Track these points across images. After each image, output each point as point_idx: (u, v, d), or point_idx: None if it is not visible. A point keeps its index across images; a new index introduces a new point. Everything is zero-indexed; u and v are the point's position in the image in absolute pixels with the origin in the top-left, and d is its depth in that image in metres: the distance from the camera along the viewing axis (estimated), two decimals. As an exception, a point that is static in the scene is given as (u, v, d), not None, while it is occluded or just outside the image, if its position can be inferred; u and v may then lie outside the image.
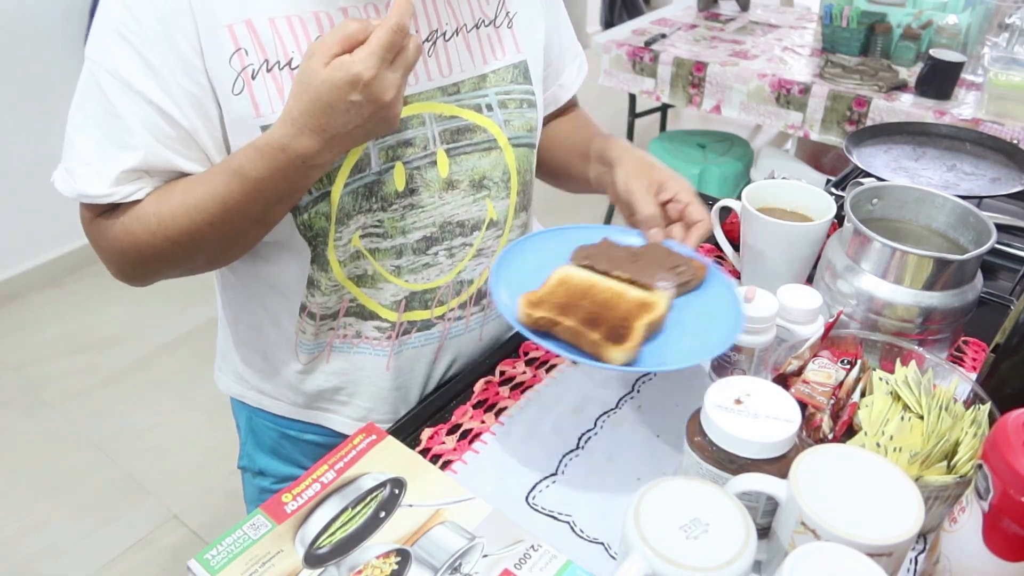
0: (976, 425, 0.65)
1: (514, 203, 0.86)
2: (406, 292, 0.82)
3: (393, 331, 0.83)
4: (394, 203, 0.77)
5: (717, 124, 3.45)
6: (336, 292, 0.79)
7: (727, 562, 0.51)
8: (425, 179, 0.78)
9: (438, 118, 0.77)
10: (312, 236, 0.75)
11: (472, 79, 0.79)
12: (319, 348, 0.84)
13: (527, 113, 0.84)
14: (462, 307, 0.87)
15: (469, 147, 0.80)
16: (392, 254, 0.79)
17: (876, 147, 1.17)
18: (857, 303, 0.80)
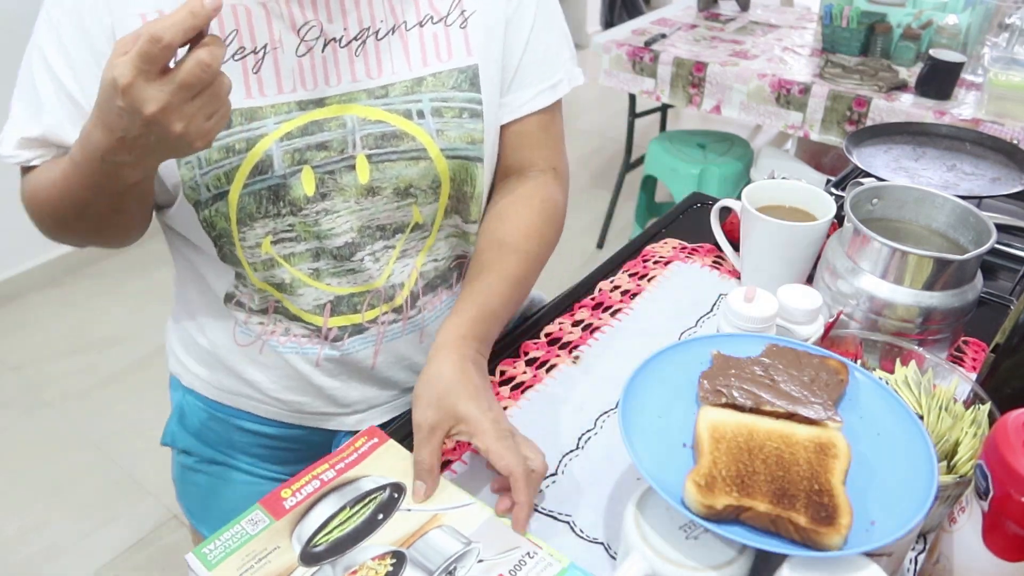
0: (976, 425, 0.65)
1: (443, 206, 0.80)
2: (330, 296, 0.79)
3: (320, 335, 0.82)
4: (304, 208, 0.74)
5: (717, 124, 3.45)
6: (259, 293, 0.79)
7: (727, 562, 0.51)
8: (340, 184, 0.74)
9: (362, 122, 0.73)
10: (216, 236, 0.75)
11: (405, 82, 0.74)
12: (254, 336, 0.83)
13: (467, 123, 0.76)
14: (397, 311, 0.83)
15: (394, 155, 0.74)
16: (308, 257, 0.77)
17: (876, 147, 1.17)
18: (857, 303, 0.80)
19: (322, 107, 0.72)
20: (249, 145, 0.70)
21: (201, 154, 0.69)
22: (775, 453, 0.55)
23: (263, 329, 0.82)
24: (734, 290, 0.74)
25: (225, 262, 0.77)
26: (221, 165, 0.70)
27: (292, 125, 0.71)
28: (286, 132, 0.71)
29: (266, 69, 0.70)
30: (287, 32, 0.70)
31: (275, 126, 0.70)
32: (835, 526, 0.50)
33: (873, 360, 0.75)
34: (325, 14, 0.71)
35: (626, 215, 2.99)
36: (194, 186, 0.71)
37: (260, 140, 0.70)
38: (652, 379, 0.62)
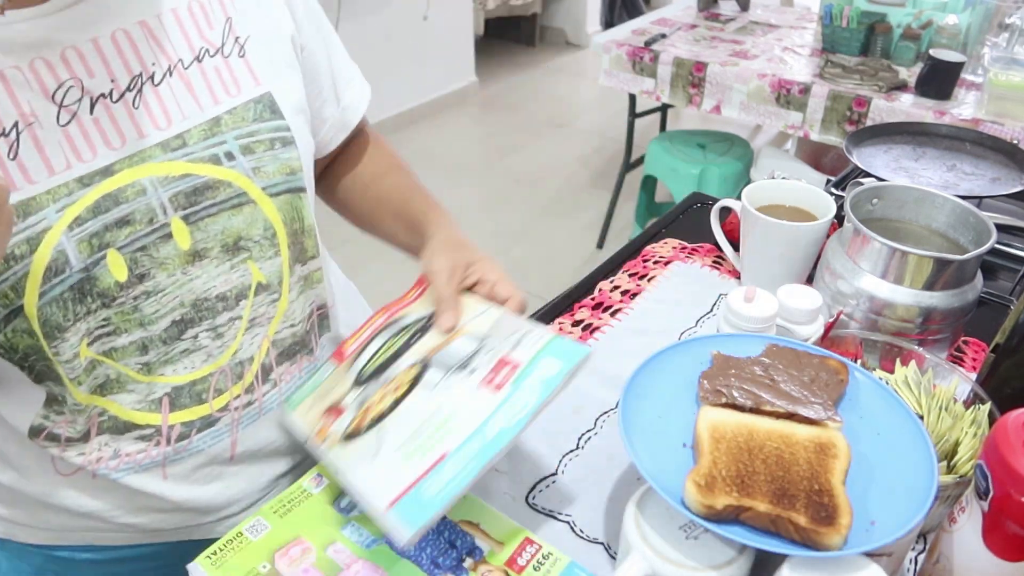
0: (976, 425, 0.65)
1: (287, 259, 0.71)
2: (166, 388, 0.67)
3: (160, 436, 0.68)
4: (118, 296, 0.62)
5: (717, 124, 3.45)
6: (83, 412, 0.65)
7: (727, 562, 0.52)
8: (157, 258, 0.63)
9: (163, 181, 0.62)
10: (21, 357, 0.61)
11: (201, 126, 0.64)
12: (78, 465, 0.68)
13: (282, 154, 0.68)
14: (249, 391, 0.71)
15: (213, 207, 0.65)
16: (134, 351, 0.64)
17: (876, 147, 1.17)
18: (857, 303, 0.80)
19: (110, 176, 0.60)
20: (32, 246, 0.57)
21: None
22: (775, 453, 0.55)
23: (87, 459, 0.67)
24: (734, 290, 0.74)
25: (40, 382, 0.63)
26: (4, 279, 0.56)
27: (79, 208, 0.58)
28: (74, 217, 0.58)
29: (26, 151, 0.56)
30: (39, 100, 0.57)
31: (57, 215, 0.57)
32: (835, 526, 0.50)
33: (873, 360, 0.75)
34: (83, 69, 0.59)
35: (626, 215, 2.99)
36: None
37: (44, 236, 0.57)
38: (652, 379, 0.62)
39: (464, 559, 0.62)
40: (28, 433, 0.65)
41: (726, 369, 0.62)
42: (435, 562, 0.61)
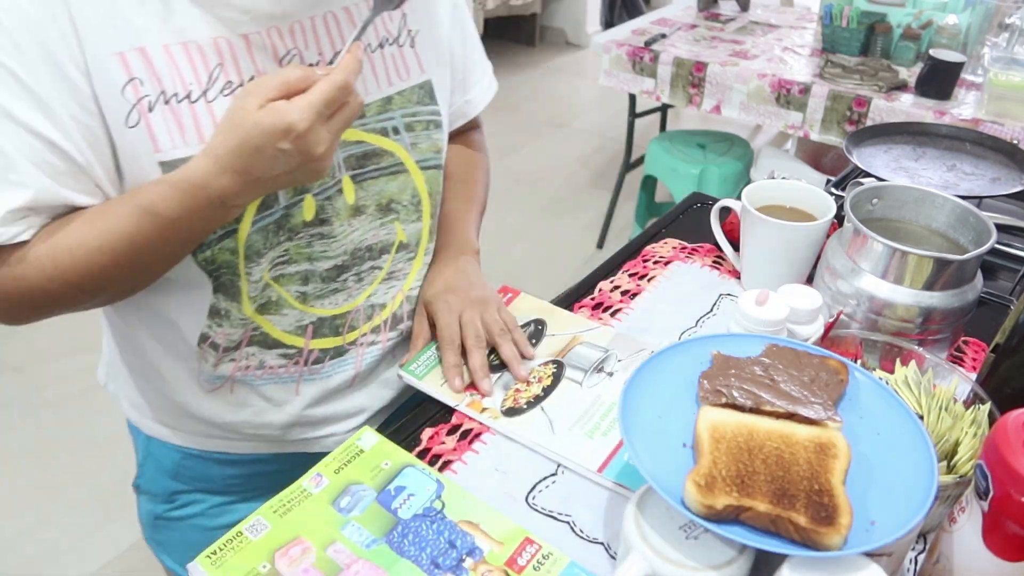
0: (976, 425, 0.65)
1: (427, 226, 0.85)
2: (312, 318, 0.79)
3: (300, 357, 0.81)
4: (300, 232, 0.74)
5: (717, 124, 3.45)
6: (244, 324, 0.76)
7: (727, 562, 0.51)
8: (335, 208, 0.76)
9: (342, 144, 0.74)
10: (214, 269, 0.72)
11: (377, 102, 0.77)
12: (220, 379, 0.80)
13: (434, 134, 0.82)
14: (375, 331, 0.85)
15: (375, 172, 0.78)
16: (297, 280, 0.77)
17: (876, 147, 1.17)
18: (857, 303, 0.80)
19: None
20: None
21: None
22: (775, 453, 0.55)
23: (235, 367, 0.79)
24: (745, 292, 0.74)
25: (218, 292, 0.74)
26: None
27: None
28: None
29: None
30: (270, 63, 0.69)
31: None
32: (835, 526, 0.50)
33: (873, 360, 0.75)
34: (302, 41, 0.70)
35: (626, 215, 2.99)
36: None
37: None
38: (652, 379, 0.62)
39: (464, 559, 0.62)
40: (199, 339, 0.76)
41: (726, 369, 0.62)
42: (435, 562, 0.61)
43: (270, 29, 0.68)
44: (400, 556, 0.62)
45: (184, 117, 0.65)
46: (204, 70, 0.65)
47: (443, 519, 0.65)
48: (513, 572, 0.60)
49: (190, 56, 0.65)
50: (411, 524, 0.65)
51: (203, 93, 0.66)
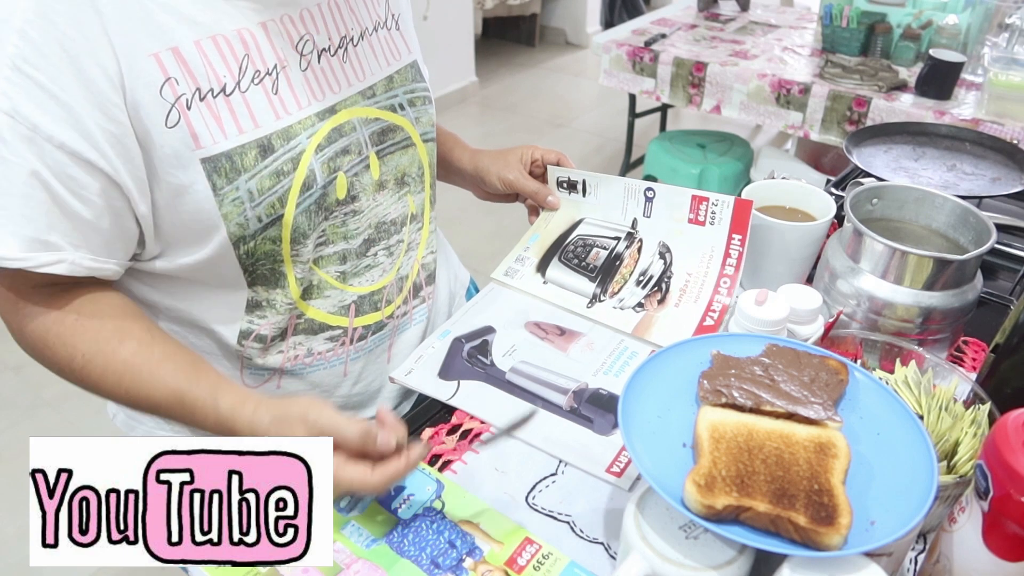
0: (976, 425, 0.65)
1: (428, 196, 0.89)
2: (354, 297, 0.82)
3: (347, 337, 0.83)
4: (335, 211, 0.76)
5: (717, 124, 3.45)
6: (289, 310, 0.78)
7: (727, 562, 0.51)
8: (363, 184, 0.78)
9: (364, 122, 0.78)
10: (252, 263, 0.73)
11: (382, 81, 0.80)
12: (268, 372, 0.81)
13: (429, 109, 0.87)
14: (404, 302, 0.89)
15: (392, 147, 0.81)
16: (336, 260, 0.79)
17: (876, 147, 1.17)
18: (857, 303, 0.80)
19: (334, 114, 0.74)
20: (295, 164, 0.71)
21: (251, 186, 0.68)
22: (775, 453, 0.55)
23: (283, 358, 0.81)
24: (745, 292, 0.74)
25: (256, 286, 0.75)
26: (274, 191, 0.70)
27: (320, 136, 0.73)
28: (317, 144, 0.72)
29: (283, 88, 0.70)
30: (288, 49, 0.71)
31: (307, 140, 0.71)
32: (835, 526, 0.49)
33: (873, 360, 0.75)
34: (312, 27, 0.73)
35: (626, 215, 2.99)
36: (241, 222, 0.69)
37: (302, 156, 0.71)
38: (652, 379, 0.62)
39: (464, 559, 0.62)
40: (239, 336, 0.77)
41: (726, 369, 0.62)
42: (435, 562, 0.61)
43: (283, 17, 0.71)
44: (400, 556, 0.62)
45: (221, 110, 0.66)
46: (235, 62, 0.67)
47: (443, 519, 0.65)
48: (513, 572, 0.61)
49: (220, 50, 0.66)
50: (411, 524, 0.65)
51: (237, 84, 0.67)
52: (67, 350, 0.69)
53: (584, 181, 1.00)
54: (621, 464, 0.71)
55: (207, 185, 0.66)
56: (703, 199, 0.91)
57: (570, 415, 0.76)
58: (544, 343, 0.86)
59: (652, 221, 0.95)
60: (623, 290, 0.91)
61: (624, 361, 0.82)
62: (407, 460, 0.61)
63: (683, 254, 0.91)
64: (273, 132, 0.69)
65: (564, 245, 0.97)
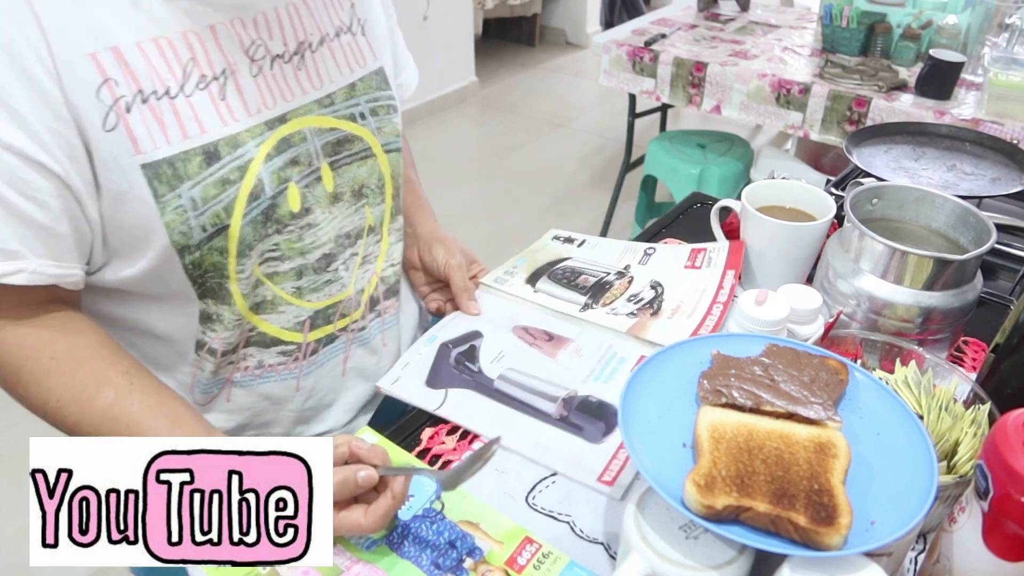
0: (976, 425, 0.65)
1: (389, 207, 0.86)
2: (309, 312, 0.79)
3: (300, 352, 0.81)
4: (289, 224, 0.74)
5: (717, 124, 3.45)
6: (239, 326, 0.75)
7: (727, 562, 0.51)
8: (316, 196, 0.76)
9: (318, 132, 0.75)
10: (200, 275, 0.70)
11: (343, 89, 0.78)
12: (218, 385, 0.79)
13: (393, 118, 0.84)
14: (362, 316, 0.86)
15: (349, 158, 0.79)
16: (292, 276, 0.77)
17: (876, 147, 1.17)
18: (857, 303, 0.80)
19: (285, 123, 0.72)
20: (242, 173, 0.68)
21: (194, 194, 0.66)
22: (775, 453, 0.55)
23: (233, 369, 0.79)
24: (745, 292, 0.74)
25: (206, 298, 0.73)
26: (219, 200, 0.67)
27: (268, 146, 0.71)
28: (266, 153, 0.70)
29: (231, 94, 0.68)
30: (238, 54, 0.69)
31: (256, 149, 0.69)
32: (835, 526, 0.49)
33: (873, 360, 0.75)
34: (266, 32, 0.71)
35: (626, 215, 2.99)
36: (185, 230, 0.67)
37: (250, 165, 0.69)
38: (652, 379, 0.62)
39: (464, 559, 0.62)
40: (195, 346, 0.75)
41: (726, 369, 0.62)
42: (435, 563, 0.61)
43: (234, 20, 0.68)
44: (400, 557, 0.62)
45: (165, 114, 0.64)
46: (178, 65, 0.65)
47: (443, 519, 0.65)
48: (513, 572, 0.61)
49: (163, 52, 0.64)
50: (411, 525, 0.65)
51: (181, 88, 0.65)
52: (41, 391, 0.67)
53: (585, 240, 1.03)
54: (612, 473, 0.70)
55: (148, 192, 0.64)
56: (701, 249, 0.95)
57: (560, 423, 0.76)
58: (532, 349, 0.85)
59: (647, 268, 0.96)
60: (615, 303, 0.90)
61: (613, 367, 0.81)
62: (393, 496, 0.61)
63: (675, 287, 0.91)
64: (220, 139, 0.67)
65: (553, 269, 0.97)
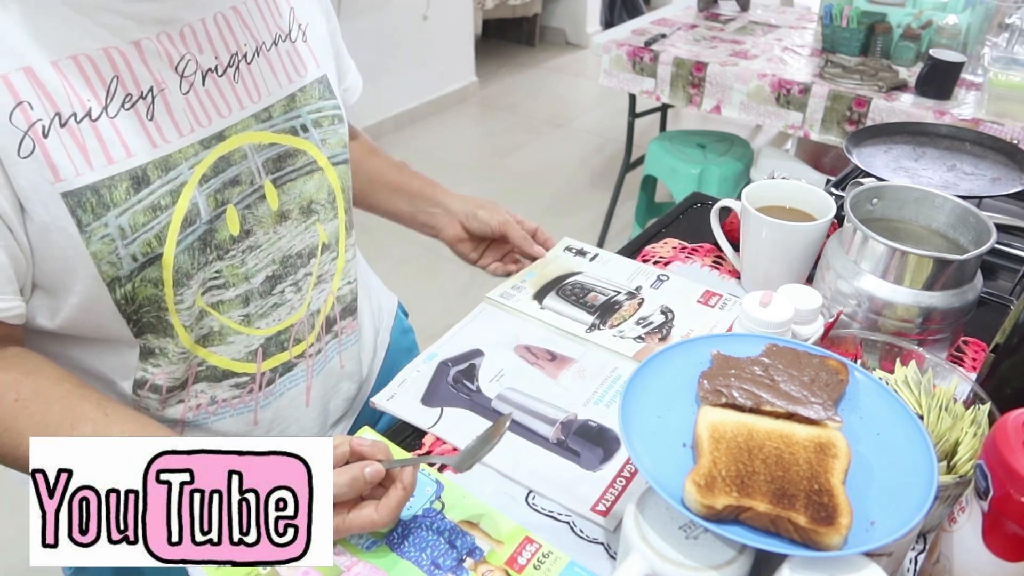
0: (976, 425, 0.65)
1: (343, 222, 0.82)
2: (260, 340, 0.76)
3: (254, 383, 0.77)
4: (231, 249, 0.70)
5: (717, 124, 3.45)
6: (185, 359, 0.71)
7: (727, 562, 0.51)
8: (257, 216, 0.72)
9: (258, 148, 0.71)
10: (135, 310, 0.66)
11: (282, 101, 0.73)
12: (168, 424, 0.74)
13: (339, 129, 0.80)
14: (317, 339, 0.82)
15: (293, 173, 0.75)
16: (238, 304, 0.73)
17: (876, 147, 1.17)
18: (857, 303, 0.80)
19: (222, 140, 0.68)
20: (174, 198, 0.64)
21: (122, 222, 0.62)
22: (775, 453, 0.55)
23: (184, 408, 0.74)
24: (749, 294, 0.74)
25: (144, 335, 0.68)
26: (150, 227, 0.63)
27: (204, 167, 0.67)
28: (201, 175, 0.67)
29: (160, 113, 0.64)
30: (167, 70, 0.65)
31: (190, 171, 0.66)
32: (835, 526, 0.49)
33: (873, 360, 0.75)
34: (195, 45, 0.67)
35: (626, 215, 2.99)
36: (114, 261, 0.63)
37: (183, 189, 0.65)
38: (652, 379, 0.62)
39: (464, 559, 0.62)
40: (133, 386, 0.71)
41: (726, 369, 0.62)
42: (435, 563, 0.61)
43: (159, 35, 0.64)
44: (400, 557, 0.62)
45: (87, 138, 0.60)
46: (101, 85, 0.61)
47: (443, 520, 0.65)
48: (513, 571, 0.61)
49: (82, 70, 0.60)
50: (411, 525, 0.65)
51: (104, 109, 0.61)
52: (12, 436, 0.62)
53: (598, 254, 1.02)
54: (607, 503, 0.68)
55: (71, 221, 0.60)
56: (716, 294, 0.94)
57: (556, 448, 0.74)
58: (534, 368, 0.83)
59: (658, 293, 0.95)
60: (623, 324, 0.89)
61: (616, 391, 0.80)
62: (403, 486, 0.61)
63: (686, 318, 0.90)
64: (148, 162, 0.63)
65: (562, 284, 0.96)
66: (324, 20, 0.82)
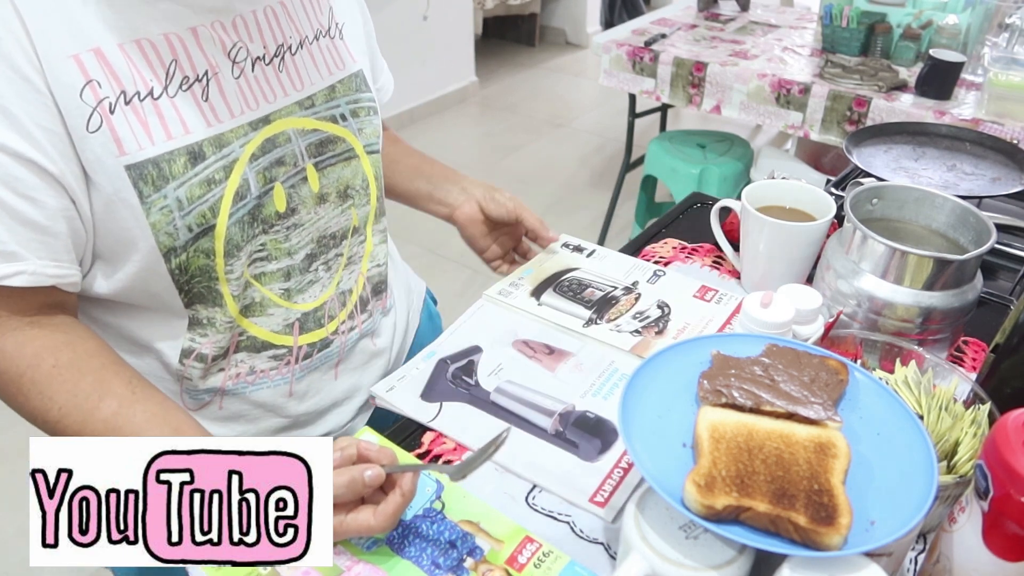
0: (976, 425, 0.65)
1: (374, 208, 0.86)
2: (297, 314, 0.79)
3: (291, 356, 0.80)
4: (276, 224, 0.74)
5: (717, 124, 3.45)
6: (231, 329, 0.75)
7: (727, 562, 0.51)
8: (301, 196, 0.76)
9: (301, 133, 0.75)
10: (188, 279, 0.70)
11: (323, 91, 0.78)
12: (208, 394, 0.78)
13: (374, 120, 0.84)
14: (351, 317, 0.86)
15: (333, 158, 0.79)
16: (280, 277, 0.77)
17: (876, 147, 1.17)
18: (857, 303, 0.80)
19: (269, 124, 0.72)
20: (227, 173, 0.69)
21: (180, 194, 0.66)
22: (775, 453, 0.55)
23: (224, 376, 0.78)
24: (750, 295, 0.74)
25: (194, 305, 0.72)
26: (205, 200, 0.67)
27: (254, 146, 0.71)
28: (251, 153, 0.70)
29: (214, 95, 0.69)
30: (220, 56, 0.69)
31: (241, 149, 0.70)
32: (835, 526, 0.49)
33: (873, 360, 0.75)
34: (246, 34, 0.71)
35: (626, 215, 2.99)
36: (171, 231, 0.66)
37: (235, 165, 0.69)
38: (652, 379, 0.62)
39: (464, 559, 0.62)
40: (180, 355, 0.74)
41: (726, 369, 0.62)
42: (436, 563, 0.62)
43: (214, 23, 0.69)
44: (401, 557, 0.62)
45: (149, 115, 0.64)
46: (161, 66, 0.65)
47: (443, 519, 0.65)
48: (514, 570, 0.61)
49: (145, 53, 0.64)
50: (411, 525, 0.65)
51: (164, 89, 0.65)
52: (43, 400, 0.65)
53: (595, 250, 1.03)
54: (605, 494, 0.69)
55: (133, 193, 0.64)
56: (712, 289, 0.95)
57: (554, 439, 0.74)
58: (531, 362, 0.84)
59: (655, 288, 0.95)
60: (620, 319, 0.90)
61: (614, 383, 0.81)
62: (402, 493, 0.61)
63: (682, 312, 0.91)
64: (204, 139, 0.67)
65: (559, 280, 0.97)
66: (361, 21, 0.87)
